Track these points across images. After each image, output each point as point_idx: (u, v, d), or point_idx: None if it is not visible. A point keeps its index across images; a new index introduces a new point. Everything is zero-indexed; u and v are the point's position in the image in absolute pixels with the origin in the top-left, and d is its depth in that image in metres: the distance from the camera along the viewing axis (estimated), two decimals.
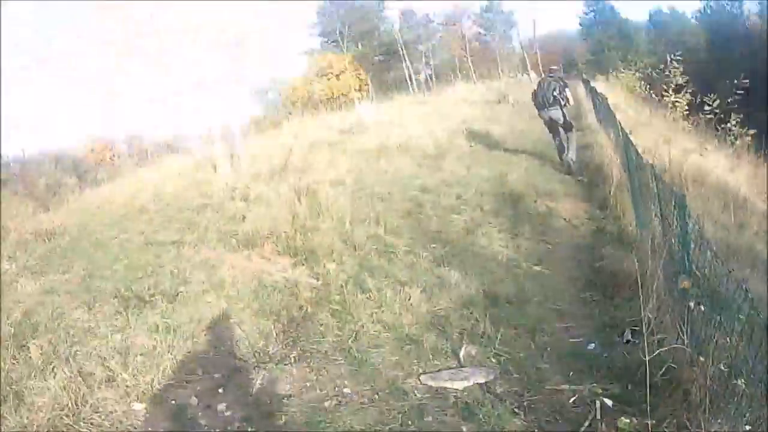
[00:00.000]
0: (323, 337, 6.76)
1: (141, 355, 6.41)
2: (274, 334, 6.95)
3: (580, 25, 73.49)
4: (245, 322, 7.17)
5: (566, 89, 14.66)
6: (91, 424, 5.43)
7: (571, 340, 6.51)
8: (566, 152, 14.63)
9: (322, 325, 7.02)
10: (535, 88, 15.19)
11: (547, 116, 14.80)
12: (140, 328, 7.02)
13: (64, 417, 5.44)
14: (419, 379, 5.76)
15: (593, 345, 6.29)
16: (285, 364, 6.28)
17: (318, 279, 8.14)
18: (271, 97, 61.98)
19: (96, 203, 13.57)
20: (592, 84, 29.33)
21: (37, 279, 8.92)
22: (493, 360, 6.06)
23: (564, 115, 14.57)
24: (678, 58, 20.61)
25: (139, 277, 8.57)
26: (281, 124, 25.98)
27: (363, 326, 6.83)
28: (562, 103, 14.49)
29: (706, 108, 18.11)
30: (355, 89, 40.75)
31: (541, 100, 14.77)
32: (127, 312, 7.35)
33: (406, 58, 40.94)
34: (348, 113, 23.55)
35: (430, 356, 6.14)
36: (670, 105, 20.95)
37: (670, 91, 20.77)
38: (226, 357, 6.53)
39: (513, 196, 11.82)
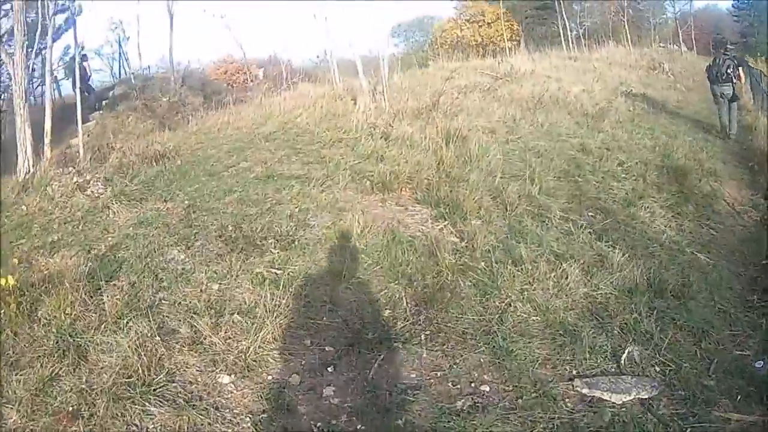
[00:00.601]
0: (462, 314, 5.46)
1: (238, 313, 5.21)
2: (405, 303, 5.63)
3: (734, 6, 68.94)
4: (371, 283, 5.91)
5: (739, 68, 14.72)
6: (163, 397, 4.26)
7: (737, 352, 5.30)
8: (728, 122, 14.62)
9: (463, 298, 5.72)
10: (710, 63, 15.23)
11: (719, 91, 14.71)
12: (243, 277, 5.77)
13: (132, 383, 4.30)
14: (572, 384, 4.58)
15: (762, 364, 5.10)
16: (413, 344, 5.04)
17: (461, 238, 6.86)
18: (418, 38, 59.80)
19: (219, 126, 11.53)
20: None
21: (134, 207, 7.50)
22: (657, 369, 4.86)
23: (733, 90, 14.63)
24: None
25: (252, 214, 7.16)
26: (428, 64, 24.51)
27: (511, 305, 5.56)
28: (734, 80, 14.51)
29: None
30: (506, 38, 38.85)
31: (715, 75, 14.74)
32: (231, 256, 6.09)
33: (563, 14, 38.59)
34: (500, 61, 21.70)
35: (587, 354, 4.92)
36: None
37: None
38: (341, 326, 5.29)
39: (677, 170, 10.24)
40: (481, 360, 4.81)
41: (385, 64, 13.36)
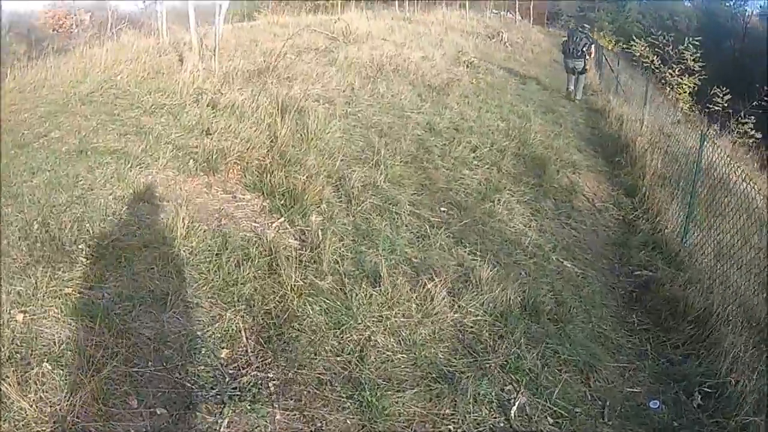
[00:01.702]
0: (316, 353, 4.51)
1: (49, 360, 3.86)
2: (244, 339, 4.57)
3: None
4: (201, 308, 4.76)
5: (592, 45, 17.58)
6: None
7: (629, 389, 5.03)
8: (575, 90, 17.44)
9: (313, 330, 4.74)
10: (566, 39, 17.67)
11: (572, 65, 17.26)
12: (51, 302, 4.34)
13: None
14: None
15: (657, 404, 4.86)
16: (263, 402, 3.99)
17: (303, 243, 5.93)
18: None
19: (35, 84, 9.35)
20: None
21: None
22: (550, 420, 4.33)
23: (584, 64, 17.26)
24: (696, 42, 20.00)
25: (62, 203, 5.57)
26: (255, 17, 23.35)
27: (370, 338, 4.73)
28: (586, 56, 17.18)
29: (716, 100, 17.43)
30: None
31: (570, 51, 17.08)
32: (36, 269, 4.57)
33: None
34: (335, 18, 20.83)
35: (470, 406, 4.22)
36: (675, 85, 19.73)
37: (677, 71, 19.55)
38: (172, 378, 4.07)
39: (534, 160, 9.91)
40: (348, 422, 3.92)
41: (221, 15, 11.87)
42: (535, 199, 8.59)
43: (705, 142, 7.95)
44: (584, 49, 16.83)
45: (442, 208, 7.51)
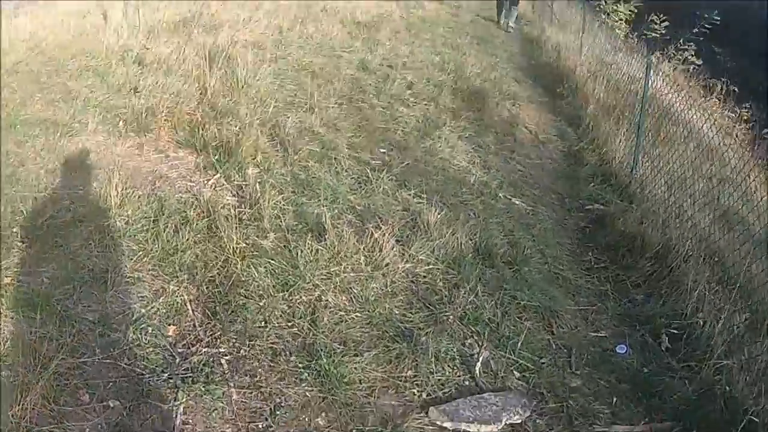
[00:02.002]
0: (266, 321, 4.15)
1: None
2: (190, 312, 4.20)
3: None
4: (143, 284, 4.39)
5: None
6: None
7: (593, 334, 4.79)
8: (506, 20, 17.62)
9: (261, 294, 4.38)
10: None
11: None
12: None
13: None
14: (428, 416, 3.59)
15: (624, 348, 4.65)
16: (217, 382, 3.64)
17: (241, 200, 5.56)
18: None
19: None
20: None
21: None
22: (517, 374, 4.08)
23: None
24: None
25: None
26: None
27: (321, 298, 4.38)
28: None
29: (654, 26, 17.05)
30: None
31: None
32: None
33: None
34: None
35: (433, 365, 3.94)
36: (610, 12, 19.41)
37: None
38: (122, 366, 3.68)
39: (472, 94, 9.60)
40: (308, 395, 3.58)
41: None
42: (477, 134, 8.29)
43: (651, 71, 7.70)
44: None
45: (382, 149, 7.18)
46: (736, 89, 14.77)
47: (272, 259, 4.69)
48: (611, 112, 9.34)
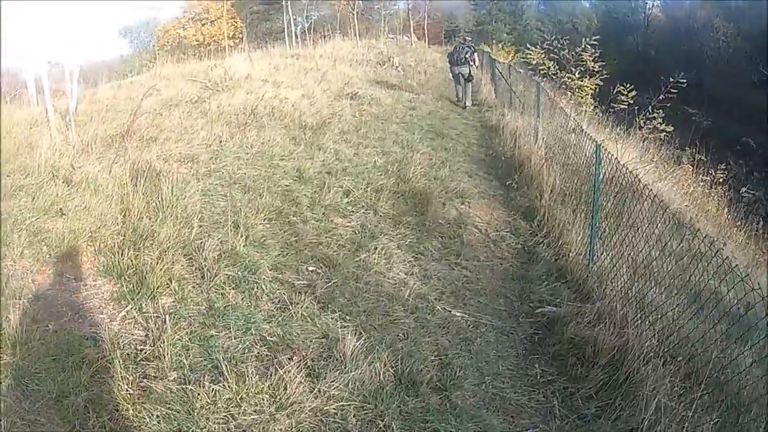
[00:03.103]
0: None
1: None
2: None
3: None
4: (40, 426, 4.21)
5: (475, 53, 20.28)
6: None
7: None
8: (464, 97, 20.32)
9: None
10: (452, 50, 20.87)
11: (458, 71, 20.31)
12: None
13: None
14: None
15: None
16: None
17: (147, 333, 5.26)
18: (143, 39, 62.32)
19: None
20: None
21: None
22: None
23: (469, 71, 20.15)
24: (594, 42, 19.63)
25: None
26: (141, 71, 23.15)
27: None
28: (470, 63, 20.00)
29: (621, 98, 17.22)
30: (228, 37, 38.68)
31: (455, 59, 20.09)
32: None
33: (289, 10, 38.91)
34: (212, 65, 20.38)
35: None
36: (576, 89, 19.57)
37: (576, 74, 19.45)
38: None
39: (416, 196, 9.31)
40: None
41: (74, 81, 11.03)
42: (418, 240, 8.00)
43: (599, 152, 7.44)
44: (467, 56, 19.82)
45: (310, 268, 6.87)
46: (703, 158, 14.71)
47: (168, 403, 4.39)
48: (568, 200, 9.08)
